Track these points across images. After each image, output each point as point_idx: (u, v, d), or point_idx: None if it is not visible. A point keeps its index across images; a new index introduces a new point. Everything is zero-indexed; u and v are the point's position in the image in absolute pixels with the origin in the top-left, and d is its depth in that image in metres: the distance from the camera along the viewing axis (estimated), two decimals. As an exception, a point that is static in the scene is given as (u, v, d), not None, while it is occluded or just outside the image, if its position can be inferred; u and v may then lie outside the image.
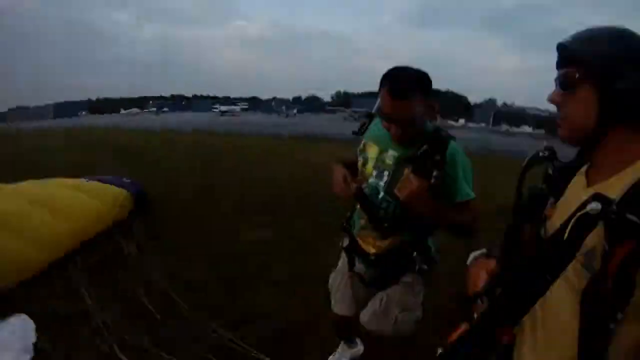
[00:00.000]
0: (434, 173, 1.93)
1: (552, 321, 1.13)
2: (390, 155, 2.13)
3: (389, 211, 2.16)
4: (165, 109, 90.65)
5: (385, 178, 2.14)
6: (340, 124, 39.83)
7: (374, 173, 2.18)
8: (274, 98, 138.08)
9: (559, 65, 1.12)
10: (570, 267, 1.00)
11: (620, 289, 0.90)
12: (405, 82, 1.93)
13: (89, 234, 5.24)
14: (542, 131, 59.27)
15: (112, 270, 4.65)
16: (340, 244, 2.52)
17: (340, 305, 2.57)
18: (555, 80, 1.12)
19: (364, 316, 2.46)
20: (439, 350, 1.25)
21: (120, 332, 3.43)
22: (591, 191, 0.94)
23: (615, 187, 0.96)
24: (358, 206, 2.29)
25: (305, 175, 10.75)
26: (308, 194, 8.47)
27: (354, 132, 2.34)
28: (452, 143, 2.06)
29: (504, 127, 63.55)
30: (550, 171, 1.24)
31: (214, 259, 5.10)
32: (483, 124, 72.31)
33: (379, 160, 2.17)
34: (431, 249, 2.28)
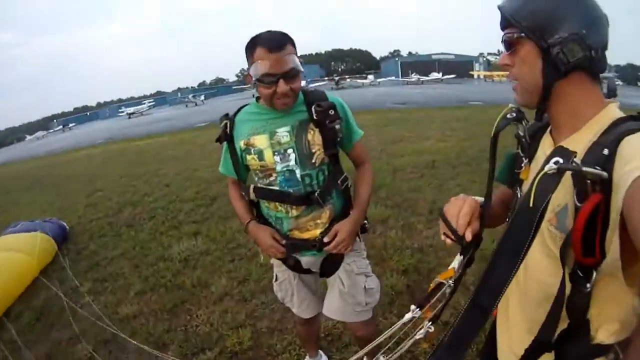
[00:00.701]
0: (337, 127, 1.99)
1: (536, 284, 1.15)
2: (283, 132, 2.01)
3: (313, 182, 2.07)
4: (71, 124, 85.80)
5: (292, 155, 2.02)
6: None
7: (278, 159, 2.02)
8: (179, 89, 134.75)
9: (502, 27, 1.12)
10: (545, 230, 1.03)
11: (589, 246, 0.90)
12: (278, 34, 1.85)
13: (20, 288, 4.96)
14: (452, 75, 60.76)
15: (47, 323, 4.36)
16: (261, 260, 2.53)
17: (303, 309, 2.48)
18: (502, 43, 1.13)
19: (330, 308, 2.38)
20: (412, 307, 1.23)
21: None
22: None
23: (578, 142, 0.98)
24: (278, 210, 2.13)
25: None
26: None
27: (217, 141, 2.17)
28: (328, 93, 2.11)
29: (415, 76, 63.11)
30: (520, 132, 1.23)
31: (148, 284, 4.85)
32: (393, 77, 72.78)
33: (274, 145, 2.01)
34: None
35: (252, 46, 1.83)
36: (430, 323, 1.20)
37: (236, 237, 5.78)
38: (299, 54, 1.90)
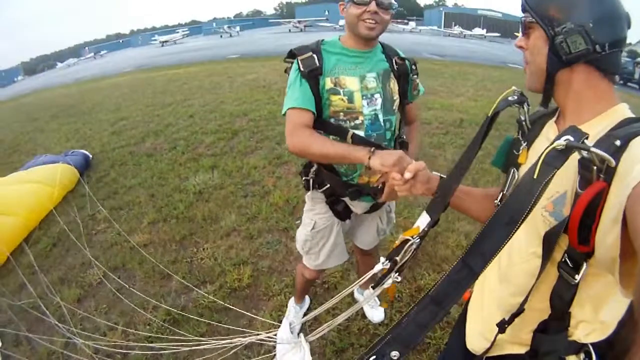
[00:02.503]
0: (417, 80, 2.23)
1: (521, 273, 1.18)
2: (370, 77, 2.06)
3: (392, 127, 2.18)
4: (102, 52, 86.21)
5: (379, 100, 2.08)
6: (286, 38, 38.63)
7: (365, 103, 2.05)
8: (214, 19, 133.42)
9: (522, 10, 1.16)
10: (538, 216, 1.08)
11: (584, 235, 0.93)
12: None
13: (40, 216, 5.25)
14: (496, 34, 58.00)
15: (63, 249, 4.61)
16: (308, 207, 2.45)
17: (334, 256, 2.53)
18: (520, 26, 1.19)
19: (364, 241, 2.66)
20: (382, 260, 1.31)
21: (77, 317, 3.39)
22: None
23: (590, 130, 0.95)
24: None
25: (255, 99, 10.53)
26: (258, 119, 8.46)
27: (308, 74, 1.95)
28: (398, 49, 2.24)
29: (457, 29, 60.43)
30: (522, 116, 1.30)
31: (161, 214, 5.04)
32: (435, 27, 69.96)
33: (363, 89, 2.04)
34: None
35: None
36: (397, 274, 1.27)
37: (252, 174, 5.89)
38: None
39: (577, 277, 0.98)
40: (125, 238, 4.43)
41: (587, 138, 0.87)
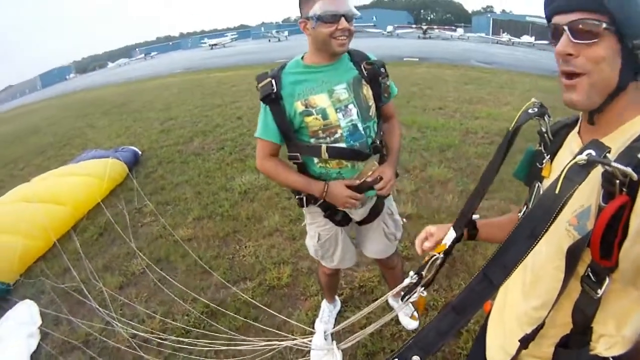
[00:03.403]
0: (388, 82, 2.22)
1: (545, 289, 1.16)
2: (340, 89, 2.09)
3: (372, 133, 2.20)
4: (153, 53, 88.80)
5: (354, 110, 2.10)
6: (333, 43, 39.15)
7: (340, 116, 2.08)
8: (263, 23, 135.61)
9: (569, 7, 0.99)
10: (562, 231, 1.05)
11: (607, 249, 0.91)
12: None
13: (88, 207, 5.57)
14: (545, 42, 56.58)
15: (109, 239, 4.86)
16: (304, 224, 2.59)
17: (347, 259, 2.63)
18: (566, 27, 0.99)
19: (374, 250, 2.66)
20: (411, 274, 1.36)
21: (117, 303, 3.56)
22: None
23: (611, 144, 0.89)
24: (343, 166, 2.18)
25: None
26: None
27: (263, 100, 2.06)
28: (367, 53, 2.26)
29: (506, 36, 59.21)
30: (543, 128, 1.26)
31: (206, 211, 5.20)
32: (483, 33, 68.90)
33: (335, 102, 2.07)
34: None
35: None
36: (422, 289, 1.34)
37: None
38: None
39: (600, 291, 0.97)
40: (169, 232, 4.59)
41: (609, 152, 0.84)
